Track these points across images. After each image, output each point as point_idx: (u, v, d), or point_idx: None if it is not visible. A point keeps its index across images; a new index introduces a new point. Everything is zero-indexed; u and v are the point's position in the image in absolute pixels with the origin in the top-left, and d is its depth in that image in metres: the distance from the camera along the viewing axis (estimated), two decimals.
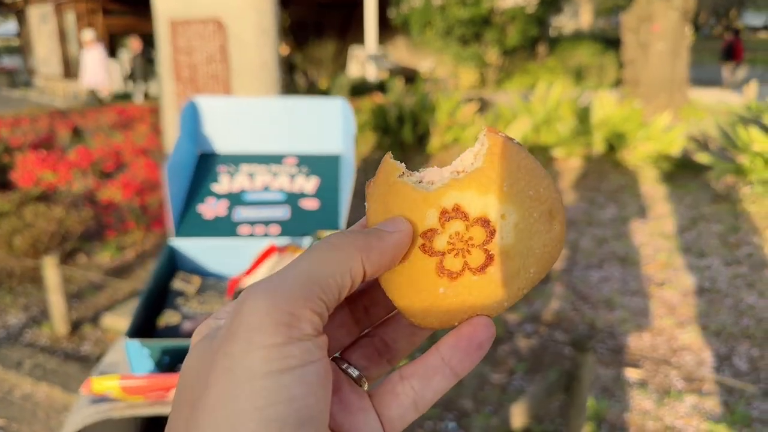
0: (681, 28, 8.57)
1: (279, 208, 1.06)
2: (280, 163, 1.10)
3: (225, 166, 1.11)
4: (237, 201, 1.07)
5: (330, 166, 1.09)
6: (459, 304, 0.32)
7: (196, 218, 1.05)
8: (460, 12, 13.73)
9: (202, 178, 1.10)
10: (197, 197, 1.08)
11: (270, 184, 1.07)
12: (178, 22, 2.90)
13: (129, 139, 6.00)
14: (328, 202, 1.06)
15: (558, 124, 5.86)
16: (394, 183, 0.32)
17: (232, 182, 1.08)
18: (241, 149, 1.12)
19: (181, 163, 1.06)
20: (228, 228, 1.05)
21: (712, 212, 4.56)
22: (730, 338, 2.87)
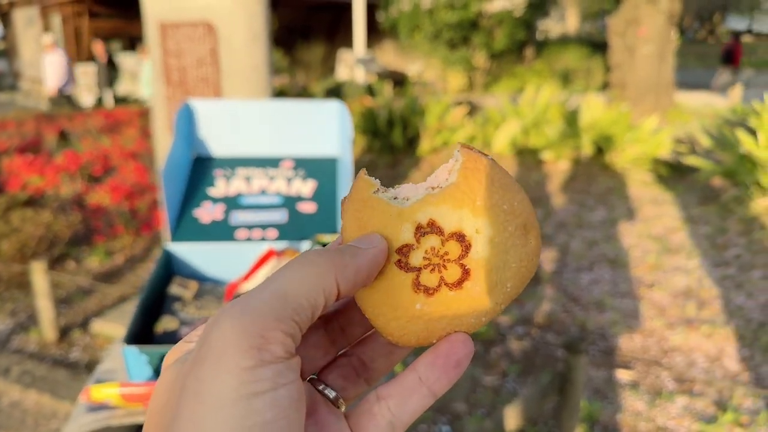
0: (667, 32, 8.67)
1: (276, 211, 1.06)
2: (277, 166, 1.09)
3: (221, 170, 1.09)
4: (234, 205, 1.06)
5: (327, 169, 1.09)
6: (436, 320, 0.32)
7: (193, 222, 1.04)
8: (448, 16, 13.80)
9: (198, 181, 1.09)
10: (193, 201, 1.07)
11: (267, 187, 1.07)
12: (168, 24, 2.88)
13: (117, 142, 5.94)
14: (325, 206, 1.05)
15: (547, 127, 5.90)
16: (369, 199, 0.32)
17: (229, 186, 1.07)
18: (236, 152, 1.12)
19: (176, 166, 1.04)
20: (225, 232, 1.04)
21: (700, 214, 4.61)
22: (719, 339, 2.90)
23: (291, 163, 1.10)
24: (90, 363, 2.83)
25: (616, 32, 8.88)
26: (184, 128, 1.10)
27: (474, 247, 0.31)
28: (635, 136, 5.68)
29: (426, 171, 5.88)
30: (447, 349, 0.32)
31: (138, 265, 3.82)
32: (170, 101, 2.97)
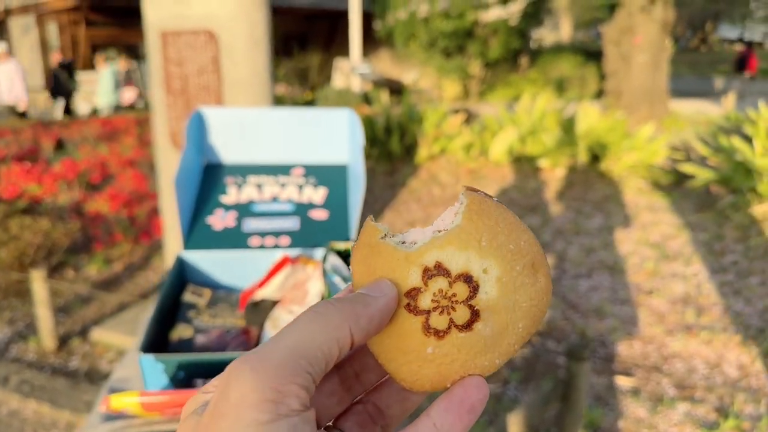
0: (661, 41, 8.75)
1: (288, 218, 1.06)
2: (288, 173, 1.10)
3: (232, 177, 1.10)
4: (246, 212, 1.07)
5: (337, 176, 1.09)
6: (448, 363, 0.32)
7: (206, 230, 1.04)
8: (443, 25, 13.89)
9: (210, 189, 1.09)
10: (205, 209, 1.06)
11: (278, 194, 1.07)
12: (169, 32, 2.89)
13: (115, 150, 5.94)
14: (337, 213, 1.06)
15: (543, 135, 5.93)
16: (377, 244, 0.32)
17: (240, 193, 1.08)
18: (247, 160, 1.12)
19: (188, 174, 1.04)
20: (238, 239, 1.04)
21: (697, 221, 4.64)
22: (719, 345, 2.91)
23: (301, 170, 1.10)
24: (89, 371, 2.81)
25: (610, 41, 8.95)
26: (195, 135, 1.09)
27: (482, 288, 0.31)
28: (631, 144, 5.72)
29: (424, 178, 5.90)
30: (461, 394, 0.31)
31: (137, 273, 3.80)
32: (171, 109, 2.97)
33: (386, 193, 5.57)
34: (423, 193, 5.54)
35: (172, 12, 2.81)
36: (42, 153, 5.78)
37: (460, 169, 6.09)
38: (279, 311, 0.86)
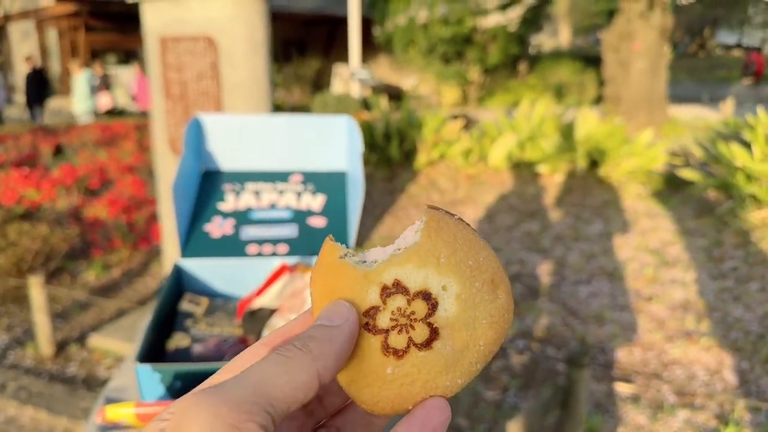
0: (660, 47, 8.77)
1: (286, 226, 1.05)
2: (286, 180, 1.09)
3: (230, 184, 1.09)
4: (244, 219, 1.06)
5: (336, 183, 1.08)
6: (409, 384, 0.31)
7: (204, 237, 1.03)
8: (442, 31, 13.94)
9: (208, 196, 1.08)
10: (203, 216, 1.06)
11: (276, 202, 1.06)
12: (168, 38, 2.89)
13: (114, 156, 5.94)
14: (335, 220, 1.05)
15: (542, 141, 5.94)
16: (335, 264, 0.32)
17: (238, 200, 1.07)
18: (245, 167, 1.11)
19: (186, 181, 1.03)
20: (236, 247, 1.03)
21: (696, 227, 4.64)
22: (719, 352, 2.90)
23: (300, 177, 1.09)
24: (87, 378, 2.80)
25: (609, 47, 8.98)
26: (194, 142, 1.08)
27: (441, 305, 0.31)
28: (630, 150, 5.72)
29: (423, 184, 5.89)
30: (422, 416, 0.30)
31: (135, 279, 3.79)
32: (170, 115, 2.97)
33: (385, 198, 5.57)
34: (422, 199, 5.53)
35: (172, 17, 2.82)
36: (41, 158, 5.78)
37: (459, 175, 6.09)
38: (276, 320, 0.85)
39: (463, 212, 5.12)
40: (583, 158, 5.84)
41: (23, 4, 15.06)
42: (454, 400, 2.57)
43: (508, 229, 4.71)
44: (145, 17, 2.94)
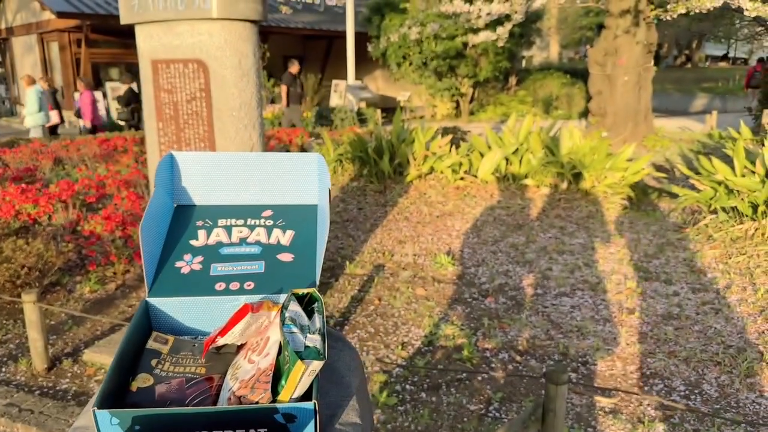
0: (645, 61, 8.94)
1: (255, 262, 1.05)
2: (258, 215, 1.10)
3: (202, 220, 1.10)
4: (213, 256, 1.06)
5: (306, 216, 1.10)
6: None
7: (173, 274, 1.03)
8: (434, 46, 14.14)
9: (179, 232, 1.09)
10: (174, 252, 1.06)
11: (246, 237, 1.07)
12: (160, 61, 2.97)
13: (112, 170, 5.99)
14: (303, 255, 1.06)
15: (528, 155, 6.05)
16: None
17: (209, 236, 1.07)
18: (218, 202, 1.12)
19: (156, 217, 1.03)
20: (204, 284, 1.03)
21: (678, 239, 4.74)
22: (699, 365, 2.98)
23: (271, 212, 1.11)
24: (79, 393, 2.84)
25: (595, 62, 9.14)
26: (166, 178, 1.09)
27: None
28: (614, 164, 5.84)
29: (413, 197, 5.98)
30: None
31: (131, 294, 3.85)
32: (162, 135, 3.04)
33: (377, 211, 5.65)
34: (412, 211, 5.62)
35: (163, 42, 2.90)
36: (39, 173, 5.83)
37: (449, 188, 6.18)
38: (239, 359, 0.88)
39: (452, 225, 5.21)
40: (568, 172, 5.95)
41: (25, 18, 15.15)
42: (438, 413, 2.63)
43: (494, 242, 4.80)
44: (139, 40, 3.03)
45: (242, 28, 2.85)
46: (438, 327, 3.41)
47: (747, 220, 4.65)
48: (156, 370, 0.90)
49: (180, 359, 0.92)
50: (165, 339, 0.95)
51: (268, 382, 0.80)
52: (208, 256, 1.05)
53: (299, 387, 0.79)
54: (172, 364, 0.91)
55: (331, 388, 0.96)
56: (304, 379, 0.79)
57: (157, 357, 0.92)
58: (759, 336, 3.21)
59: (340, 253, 4.60)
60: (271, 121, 12.15)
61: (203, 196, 1.12)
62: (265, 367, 0.81)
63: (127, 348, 0.90)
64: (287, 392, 0.80)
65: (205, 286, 1.01)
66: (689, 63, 33.08)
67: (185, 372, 0.90)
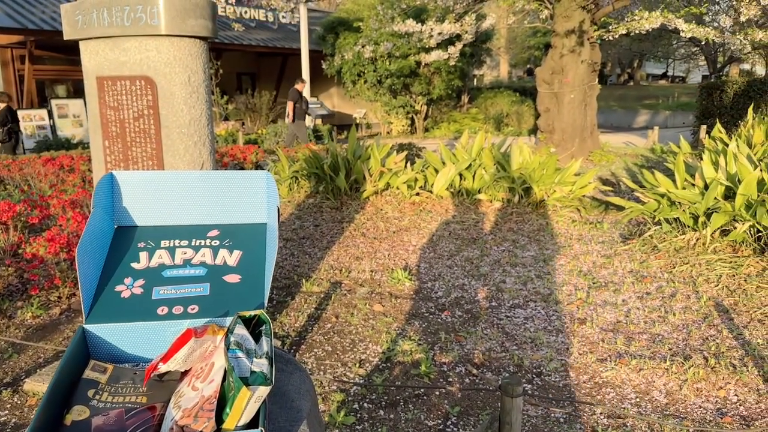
0: (590, 79, 9.28)
1: (199, 284, 1.02)
2: (203, 236, 1.07)
3: (143, 242, 1.06)
4: (155, 278, 1.02)
5: (254, 236, 1.07)
6: None
7: (112, 299, 0.99)
8: (389, 65, 14.34)
9: (120, 254, 1.05)
10: (114, 276, 1.02)
11: (191, 258, 1.04)
12: (106, 77, 2.90)
13: (57, 189, 5.76)
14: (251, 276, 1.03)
15: (481, 171, 6.16)
16: None
17: (151, 258, 1.04)
18: (161, 222, 1.09)
19: (95, 239, 1.00)
20: (146, 309, 0.99)
21: (625, 250, 4.90)
22: (648, 373, 3.07)
23: (217, 232, 1.08)
24: (18, 426, 2.69)
25: (543, 80, 9.43)
26: (105, 199, 1.06)
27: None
28: (562, 178, 6.01)
29: (370, 213, 5.99)
30: None
31: (77, 319, 3.69)
32: (108, 152, 2.96)
33: (334, 228, 5.62)
34: (369, 227, 5.62)
35: (109, 58, 2.83)
36: None
37: (404, 204, 6.22)
38: (182, 386, 0.85)
39: (409, 240, 5.23)
40: (518, 186, 6.09)
41: None
42: (396, 430, 2.62)
43: (450, 256, 4.85)
44: (83, 56, 2.95)
45: (192, 44, 2.81)
46: (396, 343, 3.40)
47: (689, 231, 4.86)
48: (93, 401, 0.86)
49: (119, 388, 0.88)
50: (103, 368, 0.91)
51: (212, 410, 0.78)
52: (150, 279, 1.02)
53: (245, 414, 0.78)
54: (111, 393, 0.87)
55: (281, 413, 0.94)
56: (251, 406, 0.77)
57: (94, 387, 0.88)
58: (703, 342, 3.33)
59: (297, 271, 4.55)
60: (225, 138, 12.00)
61: (145, 216, 1.08)
62: (209, 394, 0.80)
63: (61, 378, 0.86)
64: (232, 420, 0.78)
65: (146, 310, 0.98)
66: (631, 81, 34.56)
67: (125, 402, 0.87)
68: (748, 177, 4.54)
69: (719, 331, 3.46)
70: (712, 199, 4.73)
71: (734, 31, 9.86)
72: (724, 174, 4.93)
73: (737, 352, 3.21)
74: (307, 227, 5.71)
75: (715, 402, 2.79)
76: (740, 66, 24.80)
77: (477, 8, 10.88)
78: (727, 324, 3.54)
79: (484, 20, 11.17)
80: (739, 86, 11.80)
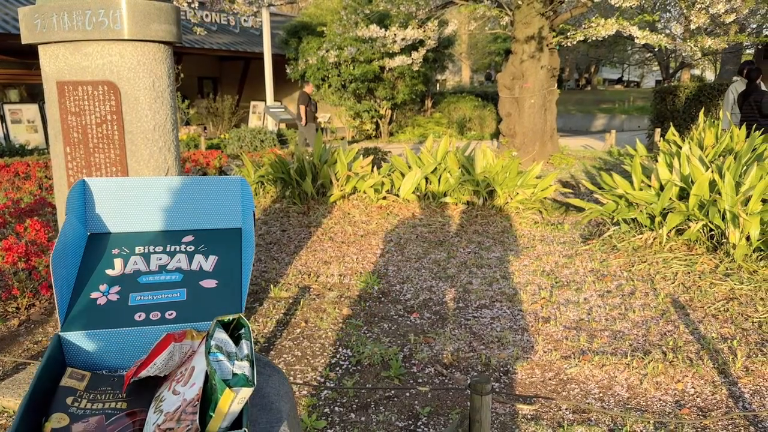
0: (549, 84, 9.51)
1: (176, 290, 1.02)
2: (178, 241, 1.07)
3: (118, 249, 1.05)
4: (131, 285, 1.02)
5: (230, 241, 1.07)
6: None
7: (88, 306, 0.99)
8: (353, 70, 14.37)
9: (94, 261, 1.04)
10: (88, 283, 1.01)
11: (166, 264, 1.04)
12: (67, 82, 2.84)
13: (13, 197, 5.58)
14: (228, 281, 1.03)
15: (446, 174, 6.25)
16: None
17: (126, 265, 1.03)
18: (135, 228, 1.09)
19: (69, 247, 0.99)
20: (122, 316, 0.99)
21: (585, 250, 5.04)
22: (610, 368, 3.17)
23: (192, 237, 1.08)
24: None
25: (504, 85, 9.62)
26: (78, 206, 1.05)
27: None
28: (524, 181, 6.15)
29: (337, 217, 6.00)
30: None
31: (36, 330, 3.58)
32: (70, 159, 2.89)
33: (301, 233, 5.61)
34: (336, 231, 5.63)
35: (69, 63, 2.78)
36: None
37: (372, 207, 6.25)
38: (163, 391, 0.85)
39: (376, 243, 5.27)
40: (482, 189, 6.20)
41: None
42: (368, 431, 2.64)
43: (417, 259, 4.90)
44: (42, 61, 2.88)
45: (156, 49, 2.78)
46: (365, 346, 3.42)
47: (646, 230, 5.03)
48: (72, 408, 0.86)
49: (98, 395, 0.88)
50: (81, 375, 0.91)
51: (195, 413, 0.79)
52: (126, 285, 1.02)
53: (228, 416, 0.79)
54: (90, 401, 0.87)
55: (261, 414, 0.95)
56: (233, 408, 0.78)
57: (72, 394, 0.88)
58: (662, 338, 3.46)
59: (264, 277, 4.52)
60: (186, 142, 11.82)
61: (119, 223, 1.08)
62: (191, 397, 0.80)
63: (39, 386, 0.86)
64: (216, 422, 0.79)
65: (123, 317, 0.98)
66: (588, 86, 35.51)
67: (105, 408, 0.86)
68: (700, 178, 4.74)
69: (676, 326, 3.60)
70: (668, 200, 4.92)
71: (685, 38, 10.26)
72: (678, 175, 5.13)
73: (693, 347, 3.35)
74: (274, 232, 5.68)
75: (674, 395, 2.91)
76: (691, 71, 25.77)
77: (439, 14, 11.03)
78: (683, 319, 3.69)
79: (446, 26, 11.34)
80: (690, 91, 12.27)
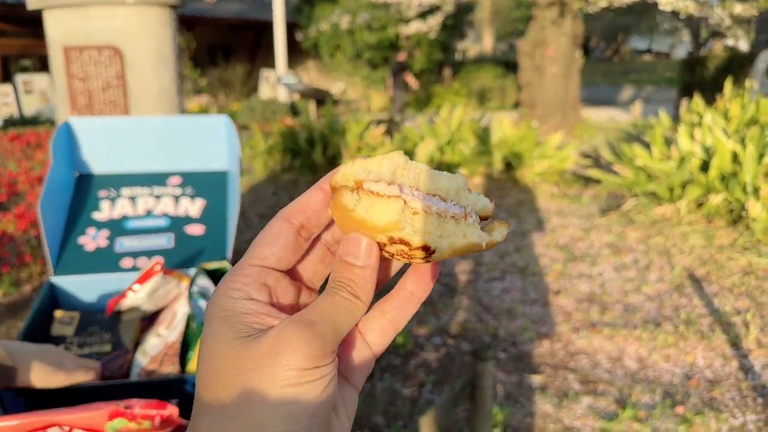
0: (572, 53, 9.25)
1: (163, 235, 1.03)
2: (164, 183, 1.06)
3: (105, 191, 1.05)
4: (119, 230, 1.03)
5: (216, 184, 1.06)
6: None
7: (77, 251, 1.00)
8: (367, 37, 14.11)
9: (82, 204, 1.04)
10: (77, 227, 1.02)
11: (153, 208, 1.03)
12: (72, 48, 2.82)
13: (24, 167, 5.65)
14: (214, 228, 1.03)
15: (461, 145, 6.15)
16: (351, 212, 0.37)
17: (114, 208, 1.03)
18: (122, 170, 1.08)
19: (56, 191, 0.99)
20: (110, 261, 1.00)
21: (603, 223, 4.95)
22: (620, 340, 3.12)
23: (178, 179, 1.06)
24: None
25: (525, 53, 9.38)
26: (64, 148, 1.03)
27: (437, 252, 0.38)
28: (542, 152, 6.02)
29: None
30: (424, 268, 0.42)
31: None
32: None
33: None
34: None
35: (75, 27, 2.75)
36: None
37: None
38: (147, 335, 0.87)
39: None
40: (498, 161, 6.10)
41: None
42: (372, 398, 2.64)
43: None
44: (48, 26, 2.86)
45: (160, 13, 2.74)
46: None
47: (664, 203, 4.91)
48: None
49: (87, 338, 0.90)
50: (70, 318, 0.93)
51: (176, 355, 0.81)
52: (114, 230, 1.02)
53: None
54: (79, 345, 0.90)
55: None
56: None
57: (62, 342, 0.91)
58: (674, 311, 3.40)
59: None
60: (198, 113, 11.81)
61: (105, 163, 1.07)
62: (172, 340, 0.82)
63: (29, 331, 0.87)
64: (195, 362, 0.81)
65: (111, 262, 1.00)
66: (616, 56, 34.58)
67: (93, 353, 0.89)
68: (721, 149, 4.59)
69: (690, 299, 3.53)
70: (688, 172, 4.78)
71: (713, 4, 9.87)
72: (700, 147, 4.98)
73: (706, 320, 3.28)
74: (283, 202, 5.67)
75: (683, 366, 2.85)
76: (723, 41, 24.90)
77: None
78: (698, 293, 3.60)
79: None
80: (720, 61, 11.85)
